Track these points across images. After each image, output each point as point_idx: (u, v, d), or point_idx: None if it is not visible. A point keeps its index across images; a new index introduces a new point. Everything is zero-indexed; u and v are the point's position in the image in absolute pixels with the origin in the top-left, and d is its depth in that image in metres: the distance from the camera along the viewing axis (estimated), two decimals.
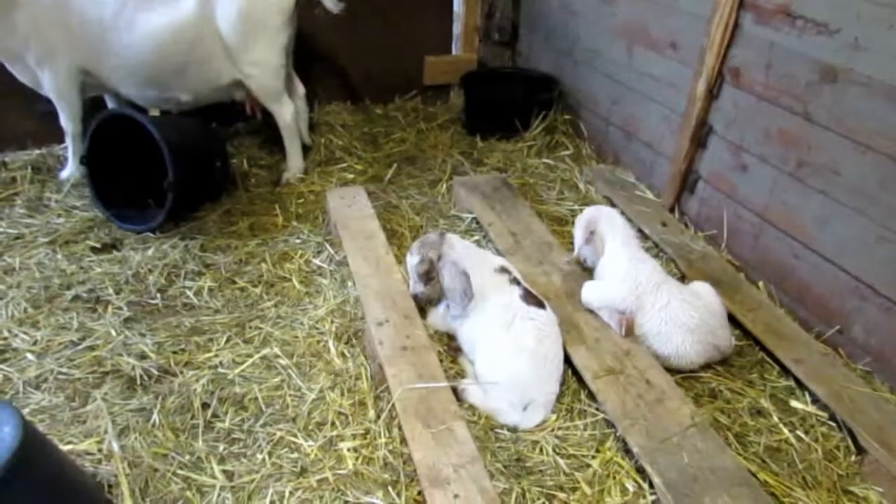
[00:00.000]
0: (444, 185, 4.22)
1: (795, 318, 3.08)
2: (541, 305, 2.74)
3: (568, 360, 2.76)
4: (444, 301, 2.93)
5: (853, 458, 2.47)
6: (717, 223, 3.55)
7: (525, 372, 2.55)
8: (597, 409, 2.61)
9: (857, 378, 2.70)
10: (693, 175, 3.71)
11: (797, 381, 2.75)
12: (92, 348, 2.86)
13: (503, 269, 2.86)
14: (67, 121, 4.00)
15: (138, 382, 2.70)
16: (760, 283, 3.29)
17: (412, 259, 2.90)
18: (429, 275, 2.86)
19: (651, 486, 2.28)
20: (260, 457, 2.40)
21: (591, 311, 2.97)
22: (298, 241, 3.64)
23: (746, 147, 3.32)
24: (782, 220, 3.16)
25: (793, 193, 3.08)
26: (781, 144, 3.11)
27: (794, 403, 2.68)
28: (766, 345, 2.89)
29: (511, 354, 2.57)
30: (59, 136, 4.29)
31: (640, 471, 2.34)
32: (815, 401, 2.66)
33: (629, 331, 2.84)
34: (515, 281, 2.82)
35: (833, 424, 2.58)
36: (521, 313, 2.65)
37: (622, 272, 2.88)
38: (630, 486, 2.31)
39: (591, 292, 2.97)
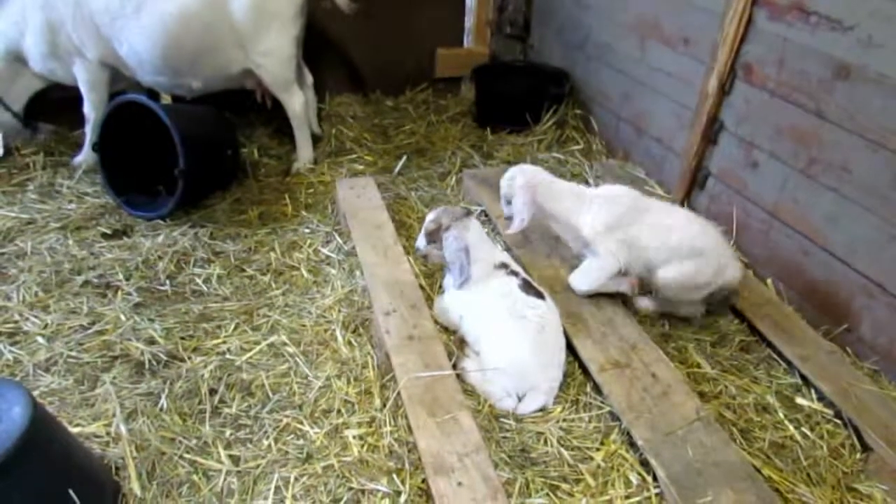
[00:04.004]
0: (454, 178, 4.22)
1: (803, 315, 3.07)
2: (540, 296, 2.75)
3: (574, 353, 2.78)
4: (446, 291, 2.97)
5: (858, 455, 2.46)
6: (726, 219, 3.54)
7: (526, 360, 2.57)
8: (602, 402, 2.62)
9: (863, 376, 2.70)
10: (703, 171, 3.70)
11: (803, 378, 2.75)
12: (101, 333, 2.88)
13: (503, 265, 2.87)
14: (91, 109, 4.06)
15: (147, 367, 2.72)
16: (769, 280, 3.28)
17: (429, 216, 2.97)
18: (432, 236, 2.91)
19: (655, 479, 2.28)
20: (266, 442, 2.41)
21: (597, 306, 2.97)
22: (307, 230, 3.66)
23: (757, 144, 3.31)
24: (792, 218, 3.14)
25: (803, 191, 3.07)
26: (793, 141, 3.10)
27: (800, 400, 2.67)
28: (773, 341, 2.89)
29: (512, 344, 2.60)
30: (72, 122, 4.33)
31: (645, 464, 2.34)
32: (822, 398, 2.66)
33: (641, 288, 2.95)
34: (513, 273, 2.83)
35: (839, 422, 2.57)
36: (521, 303, 2.67)
37: (603, 226, 2.87)
38: (634, 478, 2.32)
39: (583, 280, 2.99)
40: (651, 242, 2.85)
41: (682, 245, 2.81)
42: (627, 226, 2.86)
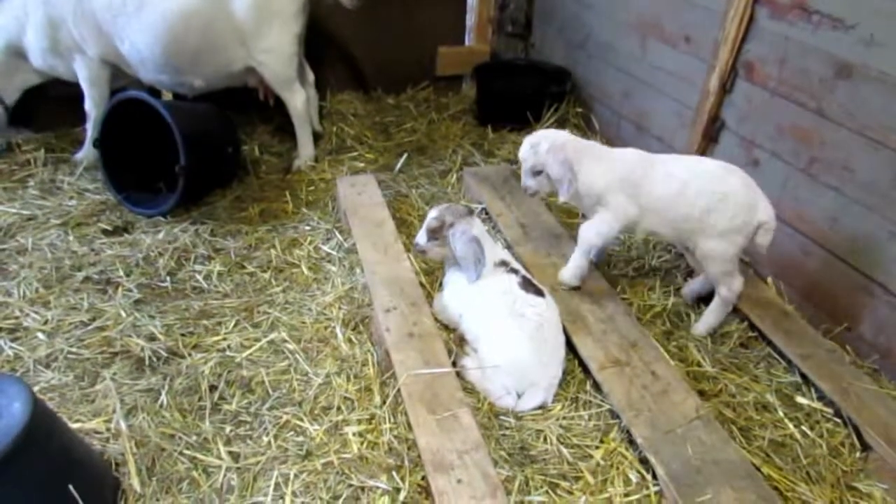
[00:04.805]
0: (455, 176, 4.23)
1: (803, 314, 3.07)
2: (539, 294, 2.75)
3: (574, 351, 2.78)
4: (446, 289, 2.97)
5: (858, 454, 2.46)
6: None
7: (525, 358, 2.58)
8: (602, 400, 2.62)
9: (863, 375, 2.69)
10: None
11: (804, 376, 2.75)
12: (102, 329, 2.89)
13: (503, 262, 2.87)
14: (92, 106, 4.07)
15: (147, 363, 2.72)
16: (769, 279, 3.28)
17: (431, 213, 2.95)
18: (435, 233, 2.90)
19: (654, 477, 2.28)
20: (266, 439, 2.42)
21: (598, 304, 2.97)
22: (308, 227, 3.66)
23: (759, 142, 3.30)
24: (793, 216, 3.14)
25: (804, 189, 3.07)
26: (794, 140, 3.09)
27: (799, 399, 2.67)
28: (773, 340, 2.88)
29: (511, 341, 2.60)
30: (73, 119, 4.33)
31: (644, 462, 2.34)
32: (822, 397, 2.66)
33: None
34: (513, 270, 2.83)
35: (839, 421, 2.57)
36: (520, 301, 2.68)
37: (617, 181, 2.82)
38: (633, 476, 2.32)
39: (593, 229, 2.93)
40: (666, 192, 2.78)
41: (702, 191, 2.73)
42: (639, 181, 2.81)
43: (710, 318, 2.95)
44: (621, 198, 2.83)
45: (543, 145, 2.86)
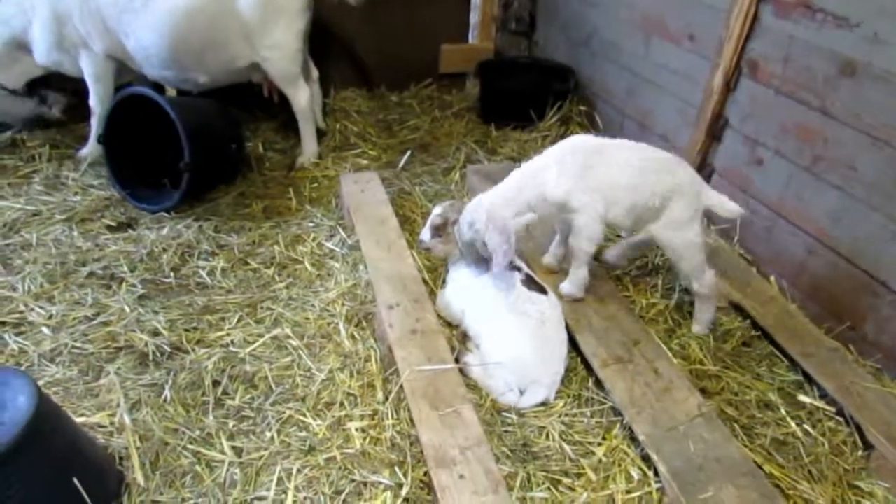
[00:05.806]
0: (458, 173, 4.23)
1: (806, 313, 3.06)
2: (542, 291, 2.76)
3: (576, 348, 2.78)
4: (448, 285, 2.99)
5: (860, 453, 2.46)
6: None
7: (527, 354, 2.59)
8: (604, 397, 2.62)
9: (866, 374, 2.69)
10: (707, 168, 3.69)
11: (806, 375, 2.75)
12: (106, 324, 2.90)
13: None
14: (97, 102, 4.08)
15: (151, 358, 2.73)
16: (772, 278, 3.28)
17: (435, 210, 3.00)
18: (438, 230, 2.95)
19: (656, 474, 2.28)
20: (269, 434, 2.43)
21: (601, 302, 2.97)
22: (311, 224, 3.67)
23: (762, 141, 3.30)
24: (796, 215, 3.14)
25: (808, 188, 3.07)
26: (798, 139, 3.09)
27: (802, 397, 2.67)
28: (776, 339, 2.88)
29: (513, 338, 2.61)
30: (77, 115, 4.34)
31: (646, 459, 2.35)
32: (824, 395, 2.66)
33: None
34: (516, 268, 2.84)
35: (841, 419, 2.57)
36: (523, 298, 2.68)
37: (571, 180, 2.71)
38: (635, 473, 2.32)
39: (584, 239, 2.81)
40: (622, 180, 2.72)
41: (659, 181, 2.70)
42: (593, 169, 2.72)
43: (701, 315, 2.96)
44: (585, 195, 2.73)
45: (480, 217, 2.67)
